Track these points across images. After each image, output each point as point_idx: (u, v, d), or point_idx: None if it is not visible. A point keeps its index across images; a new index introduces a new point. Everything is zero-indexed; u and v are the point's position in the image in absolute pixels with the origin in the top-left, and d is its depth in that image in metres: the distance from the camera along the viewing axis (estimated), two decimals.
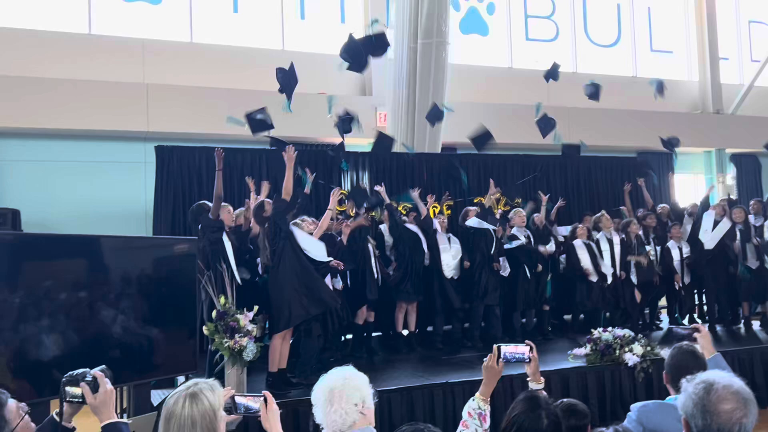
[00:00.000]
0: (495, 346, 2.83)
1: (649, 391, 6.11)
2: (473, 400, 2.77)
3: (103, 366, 2.21)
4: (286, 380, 5.68)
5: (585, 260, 8.09)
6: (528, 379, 2.92)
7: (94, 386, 2.18)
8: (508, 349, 2.83)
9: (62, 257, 4.77)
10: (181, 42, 10.13)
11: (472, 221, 7.98)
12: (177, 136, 9.39)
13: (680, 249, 8.63)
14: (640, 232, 8.68)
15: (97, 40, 9.65)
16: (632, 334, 6.51)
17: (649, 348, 6.34)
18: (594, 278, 8.04)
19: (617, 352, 6.31)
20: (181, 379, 5.73)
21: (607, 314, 8.34)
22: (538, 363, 2.91)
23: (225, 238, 5.79)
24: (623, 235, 8.46)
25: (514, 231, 8.21)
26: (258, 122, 6.74)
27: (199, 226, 5.85)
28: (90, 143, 9.46)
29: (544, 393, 2.87)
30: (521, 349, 2.84)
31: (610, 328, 6.55)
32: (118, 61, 9.63)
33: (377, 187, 7.93)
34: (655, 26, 13.52)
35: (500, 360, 2.80)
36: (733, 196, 13.17)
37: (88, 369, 2.21)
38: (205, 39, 10.27)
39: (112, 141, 9.55)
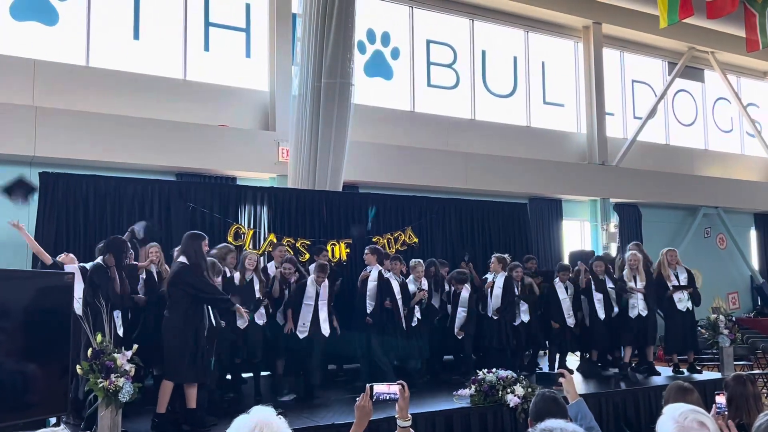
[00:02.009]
0: (368, 386, 2.87)
1: None
2: None
3: None
4: (174, 422, 5.51)
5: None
6: (396, 416, 2.97)
7: None
8: (380, 389, 2.87)
9: None
10: (76, 65, 9.79)
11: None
12: (66, 162, 9.02)
13: (566, 289, 8.95)
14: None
15: None
16: (515, 375, 6.72)
17: (530, 389, 6.55)
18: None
19: (500, 393, 6.50)
20: (53, 420, 5.42)
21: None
22: (407, 401, 2.96)
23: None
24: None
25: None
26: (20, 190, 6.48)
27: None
28: None
29: (412, 431, 2.93)
30: (393, 389, 2.89)
31: (494, 370, 6.75)
32: (5, 81, 9.17)
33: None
34: (548, 80, 14.34)
35: (372, 399, 2.83)
36: (616, 244, 14.07)
37: None
38: (102, 64, 9.97)
39: None
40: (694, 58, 16.13)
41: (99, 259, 5.83)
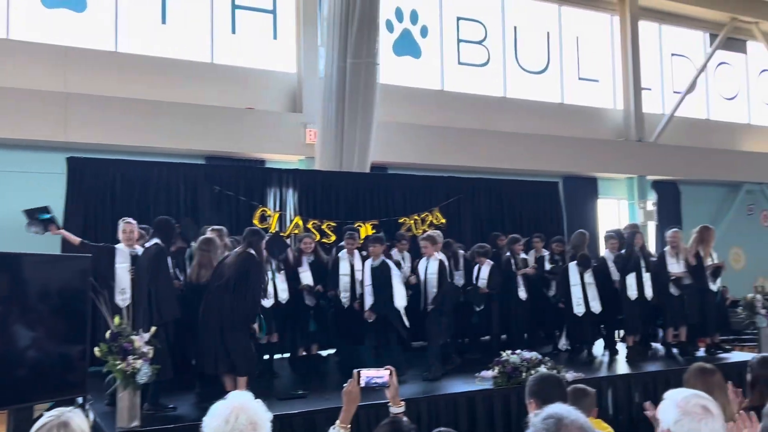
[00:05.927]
0: (355, 371, 2.83)
1: None
2: (333, 428, 2.75)
3: None
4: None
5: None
6: (388, 403, 2.92)
7: None
8: (369, 374, 2.82)
9: None
10: (105, 51, 9.90)
11: None
12: (97, 147, 9.17)
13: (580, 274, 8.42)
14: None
15: (15, 45, 9.34)
16: (539, 357, 6.61)
17: (555, 371, 6.44)
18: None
19: (524, 374, 6.39)
20: (80, 400, 5.55)
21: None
22: (397, 387, 2.90)
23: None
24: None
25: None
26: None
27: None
28: (3, 152, 9.11)
29: (406, 418, 2.88)
30: (381, 373, 2.84)
31: (518, 351, 6.65)
32: (37, 68, 9.33)
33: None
34: (582, 55, 13.96)
35: (360, 384, 2.79)
36: (654, 222, 13.72)
37: None
38: (130, 49, 10.07)
39: (28, 150, 9.21)
40: (736, 29, 15.50)
41: (156, 241, 5.83)
